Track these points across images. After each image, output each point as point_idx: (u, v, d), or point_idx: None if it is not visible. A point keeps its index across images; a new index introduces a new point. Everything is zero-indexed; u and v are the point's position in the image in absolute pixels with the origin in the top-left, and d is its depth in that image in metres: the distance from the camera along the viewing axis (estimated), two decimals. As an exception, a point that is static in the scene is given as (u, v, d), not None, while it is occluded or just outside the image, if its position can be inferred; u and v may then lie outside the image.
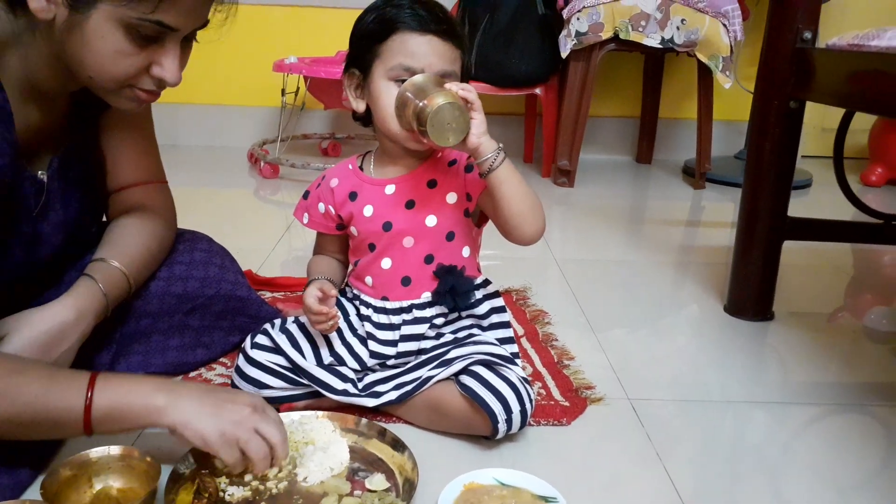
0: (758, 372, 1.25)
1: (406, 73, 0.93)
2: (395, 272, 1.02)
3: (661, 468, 0.95)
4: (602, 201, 2.42)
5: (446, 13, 0.96)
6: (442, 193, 1.01)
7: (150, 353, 1.05)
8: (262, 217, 2.15)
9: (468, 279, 1.02)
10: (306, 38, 2.81)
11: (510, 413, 0.93)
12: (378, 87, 0.96)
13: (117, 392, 0.78)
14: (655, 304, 1.56)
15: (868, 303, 1.67)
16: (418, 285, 1.02)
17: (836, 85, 1.25)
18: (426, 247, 1.01)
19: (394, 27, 0.93)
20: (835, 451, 1.01)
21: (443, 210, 1.01)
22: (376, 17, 0.96)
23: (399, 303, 1.02)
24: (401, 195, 1.01)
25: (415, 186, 1.01)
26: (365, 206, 1.02)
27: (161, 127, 1.25)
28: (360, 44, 0.98)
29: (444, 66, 0.94)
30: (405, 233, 1.01)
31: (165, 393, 0.79)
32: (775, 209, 1.39)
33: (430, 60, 0.93)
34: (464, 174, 1.01)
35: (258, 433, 0.80)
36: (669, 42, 2.34)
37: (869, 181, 2.72)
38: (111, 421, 0.78)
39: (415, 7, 0.94)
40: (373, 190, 1.02)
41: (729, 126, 2.92)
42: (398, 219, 1.00)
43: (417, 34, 0.93)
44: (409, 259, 1.01)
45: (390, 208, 1.01)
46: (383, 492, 0.85)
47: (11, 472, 0.82)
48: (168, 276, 1.06)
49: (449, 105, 0.87)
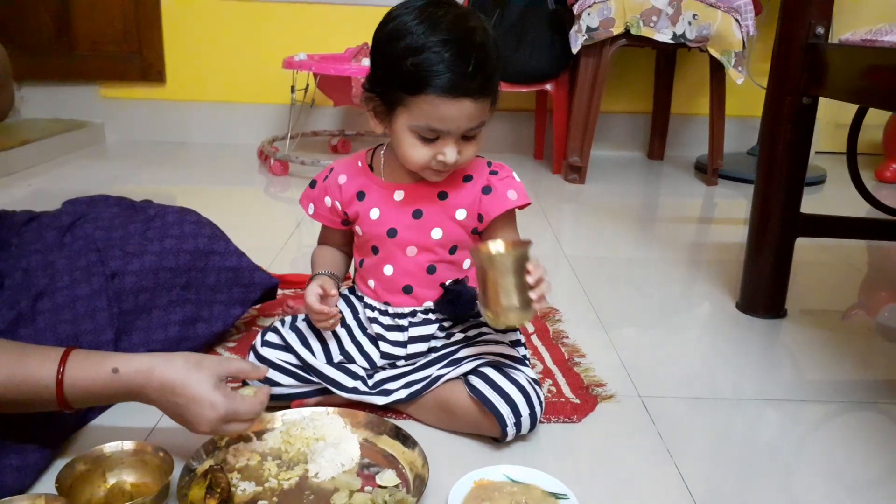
0: (770, 370, 1.24)
1: (432, 133, 0.90)
2: (396, 280, 1.01)
3: (673, 466, 0.95)
4: (613, 198, 2.41)
5: (483, 55, 0.87)
6: (452, 207, 0.99)
7: (152, 329, 1.06)
8: (273, 214, 2.16)
9: (471, 290, 1.00)
10: (316, 34, 2.81)
11: (519, 417, 0.93)
12: (401, 132, 0.92)
13: (87, 365, 0.80)
14: (667, 301, 1.55)
15: (882, 300, 1.66)
16: (420, 294, 1.02)
17: (849, 81, 1.24)
18: (429, 258, 1.00)
19: (426, 85, 0.86)
20: (848, 449, 1.00)
21: (450, 224, 1.00)
22: (411, 62, 0.86)
23: (401, 308, 1.02)
24: (409, 203, 1.00)
25: (424, 196, 0.99)
26: (372, 209, 1.01)
27: (172, 125, 1.26)
28: (385, 74, 0.90)
29: (473, 124, 0.90)
30: (409, 242, 1.00)
31: (139, 360, 0.81)
32: (788, 206, 1.38)
33: (459, 124, 0.89)
34: (480, 194, 0.99)
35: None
36: (681, 37, 2.33)
37: (883, 177, 2.69)
38: (85, 396, 0.80)
39: (452, 60, 0.85)
40: (381, 192, 1.01)
41: (741, 122, 2.90)
42: (403, 227, 1.00)
43: (450, 99, 0.86)
44: (411, 268, 1.01)
45: (397, 215, 1.00)
46: (394, 488, 0.85)
47: (21, 454, 0.83)
48: (160, 250, 1.07)
49: (521, 315, 0.89)
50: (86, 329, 0.98)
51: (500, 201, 0.99)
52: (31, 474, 0.83)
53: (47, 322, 0.96)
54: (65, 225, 1.07)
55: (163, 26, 2.81)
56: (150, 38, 2.81)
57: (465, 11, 0.91)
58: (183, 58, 2.85)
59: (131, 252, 1.05)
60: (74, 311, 0.98)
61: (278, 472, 0.88)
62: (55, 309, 0.98)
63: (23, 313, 0.95)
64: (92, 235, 1.06)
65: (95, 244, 1.05)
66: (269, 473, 0.88)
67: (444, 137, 0.90)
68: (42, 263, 1.01)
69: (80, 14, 2.76)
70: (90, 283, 1.01)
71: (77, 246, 1.04)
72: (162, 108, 2.90)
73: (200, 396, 0.80)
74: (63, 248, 1.04)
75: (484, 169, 1.01)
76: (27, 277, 0.99)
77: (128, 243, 1.06)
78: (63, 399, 0.79)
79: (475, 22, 0.90)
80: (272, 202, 2.29)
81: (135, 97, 2.90)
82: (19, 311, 0.95)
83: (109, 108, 2.91)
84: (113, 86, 2.89)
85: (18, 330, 0.94)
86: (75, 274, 1.01)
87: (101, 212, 1.13)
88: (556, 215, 2.15)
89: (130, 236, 1.07)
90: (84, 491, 0.81)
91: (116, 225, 1.09)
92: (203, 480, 0.82)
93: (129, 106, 2.91)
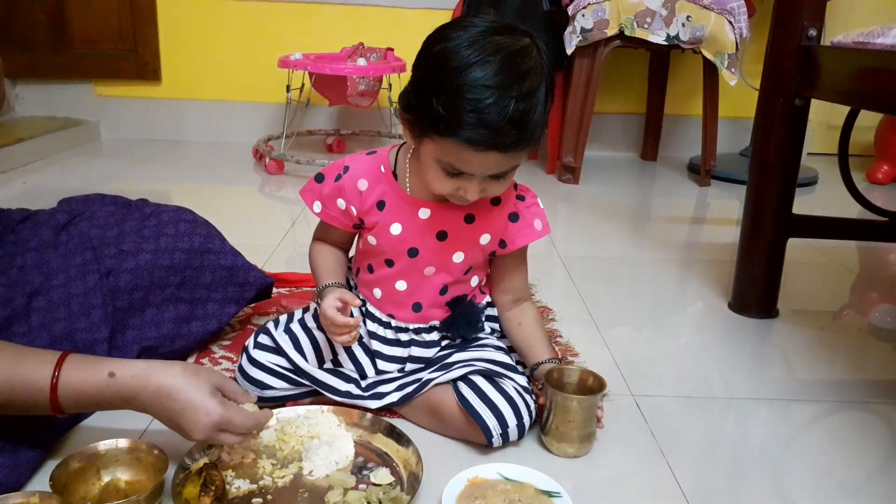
0: (762, 369, 1.25)
1: (456, 170, 0.85)
2: (408, 296, 1.00)
3: (665, 464, 0.95)
4: (607, 198, 2.41)
5: (525, 107, 0.79)
6: (477, 232, 0.97)
7: (146, 326, 1.06)
8: (268, 213, 2.16)
9: (477, 311, 1.02)
10: (311, 34, 2.81)
11: (506, 427, 0.93)
12: (426, 158, 0.87)
13: (82, 369, 0.80)
14: (660, 301, 1.56)
15: (873, 301, 1.67)
16: (428, 313, 1.01)
17: (841, 82, 1.25)
18: (445, 279, 0.99)
19: (452, 132, 0.80)
20: (838, 448, 1.01)
21: (473, 248, 0.98)
22: (443, 102, 0.79)
23: (405, 324, 1.02)
24: (434, 223, 0.95)
25: (451, 218, 0.95)
26: (393, 223, 0.96)
27: (167, 123, 1.26)
28: (419, 102, 0.84)
29: (500, 171, 0.85)
30: (429, 263, 0.97)
31: (136, 366, 0.82)
32: (780, 206, 1.39)
33: (483, 170, 0.84)
34: (507, 220, 0.98)
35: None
36: (675, 39, 2.34)
37: (875, 179, 2.71)
38: (78, 400, 0.80)
39: (485, 111, 0.78)
40: (405, 208, 0.95)
41: (734, 123, 2.92)
42: (426, 248, 0.96)
43: (476, 151, 0.80)
44: (426, 287, 0.99)
45: (420, 235, 0.95)
46: (388, 486, 0.86)
47: (14, 453, 0.83)
48: (155, 248, 1.07)
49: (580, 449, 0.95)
50: (80, 327, 0.98)
51: (526, 231, 0.99)
52: (23, 472, 0.83)
53: (42, 320, 0.96)
54: (60, 223, 1.08)
55: (158, 24, 2.80)
56: (145, 36, 2.80)
57: (524, 47, 0.81)
58: (178, 56, 2.85)
59: (126, 250, 1.05)
60: (69, 310, 0.98)
61: (273, 469, 0.88)
62: (50, 307, 0.98)
63: (17, 311, 0.95)
64: (87, 234, 1.06)
65: (90, 242, 1.05)
66: (263, 471, 0.88)
67: (469, 177, 0.86)
68: (37, 261, 1.01)
69: (75, 12, 2.75)
70: (85, 281, 1.01)
71: (72, 244, 1.04)
72: (157, 106, 2.90)
73: (195, 402, 0.80)
74: (58, 246, 1.04)
75: (511, 193, 0.99)
76: (22, 275, 0.99)
77: (123, 242, 1.06)
78: (56, 403, 0.79)
79: (530, 61, 0.81)
80: (267, 201, 2.29)
81: (130, 95, 2.89)
82: (14, 309, 0.95)
83: (104, 106, 2.90)
84: (108, 84, 2.88)
85: (13, 328, 0.94)
86: (70, 272, 1.01)
87: (96, 210, 1.13)
88: (550, 215, 2.12)
89: (126, 235, 1.07)
90: (78, 489, 0.82)
91: (112, 223, 1.09)
92: (197, 478, 0.83)
93: (125, 104, 2.90)
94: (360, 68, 2.34)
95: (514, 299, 1.05)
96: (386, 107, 2.63)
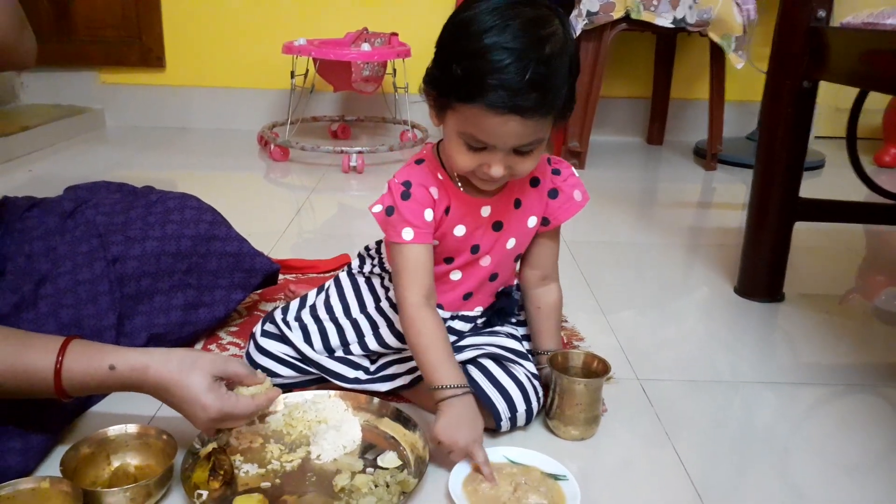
0: (768, 353, 1.25)
1: (478, 143, 0.83)
2: (461, 286, 0.99)
3: (671, 448, 0.96)
4: (613, 183, 2.41)
5: (546, 70, 0.78)
6: (525, 215, 0.97)
7: (154, 313, 1.07)
8: (273, 200, 2.16)
9: (514, 302, 1.02)
10: (315, 19, 2.80)
11: (515, 412, 0.93)
12: (450, 133, 0.86)
13: (85, 358, 0.80)
14: (666, 285, 1.56)
15: (880, 284, 1.67)
16: (476, 300, 1.01)
17: (850, 64, 1.24)
18: (496, 266, 0.99)
19: (472, 95, 0.79)
20: (844, 431, 1.01)
21: (522, 232, 0.98)
22: (463, 67, 0.79)
23: (451, 312, 1.00)
24: (492, 217, 0.95)
25: (504, 207, 0.95)
26: (457, 226, 0.93)
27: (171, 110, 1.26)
28: (441, 72, 0.83)
29: (522, 142, 0.83)
30: (486, 253, 0.97)
31: (135, 358, 0.82)
32: (787, 190, 1.38)
33: (506, 140, 0.82)
34: (547, 198, 0.97)
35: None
36: (681, 21, 2.32)
37: (882, 162, 2.69)
38: (82, 387, 0.81)
39: (506, 72, 0.77)
40: (467, 209, 0.93)
41: (741, 107, 2.89)
42: (486, 241, 0.96)
43: (495, 115, 0.79)
44: (479, 275, 0.98)
45: (482, 230, 0.95)
46: (395, 469, 0.86)
47: (24, 437, 0.84)
48: (161, 235, 1.07)
49: (585, 432, 0.96)
50: (88, 314, 0.98)
51: (567, 205, 0.98)
52: (34, 457, 0.84)
53: (49, 307, 0.97)
54: (66, 211, 1.08)
55: (162, 11, 2.79)
56: (149, 23, 2.79)
57: (544, 15, 0.81)
58: (182, 43, 2.84)
59: (133, 237, 1.05)
60: (77, 296, 0.99)
61: (281, 454, 0.89)
62: (57, 294, 0.98)
63: (25, 298, 0.96)
64: (93, 221, 1.07)
65: (97, 229, 1.05)
66: (271, 456, 0.89)
67: (492, 150, 0.83)
68: (44, 249, 1.02)
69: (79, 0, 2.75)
70: (92, 268, 1.01)
71: (79, 231, 1.05)
72: (162, 93, 2.89)
73: (192, 399, 0.81)
74: (65, 233, 1.04)
75: (546, 168, 0.97)
76: (30, 262, 1.00)
77: (129, 228, 1.06)
78: (61, 388, 0.80)
79: (552, 28, 0.80)
80: (273, 188, 2.29)
81: (134, 83, 2.89)
82: (22, 296, 0.96)
83: (109, 94, 2.90)
84: (112, 71, 2.88)
85: (21, 314, 0.95)
86: (77, 259, 1.01)
87: (102, 198, 1.14)
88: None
89: (132, 222, 1.07)
90: (88, 473, 0.83)
91: (118, 210, 1.09)
92: (206, 463, 0.83)
93: (129, 91, 2.90)
94: (365, 53, 2.33)
95: (542, 276, 1.03)
96: (390, 92, 2.62)
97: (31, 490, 0.76)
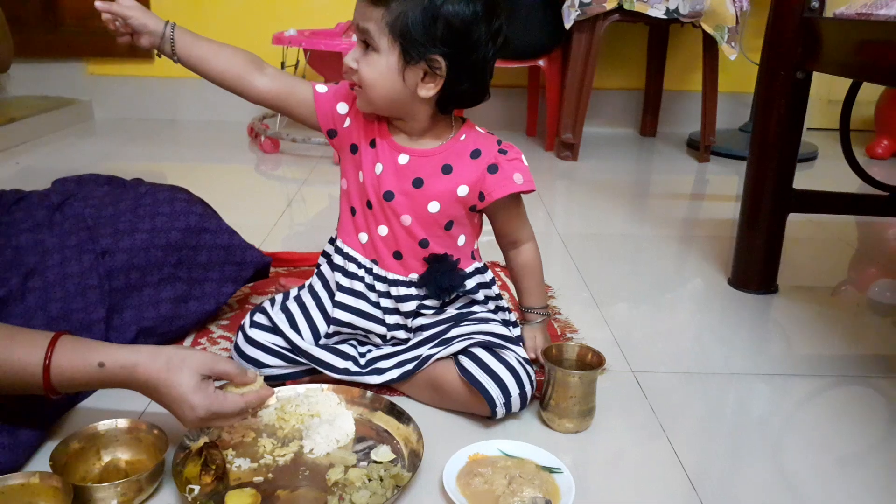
0: (761, 344, 1.25)
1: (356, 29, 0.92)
2: (388, 243, 1.00)
3: (665, 440, 0.95)
4: (606, 175, 2.40)
5: None
6: (454, 183, 0.97)
7: (143, 306, 1.06)
8: (264, 192, 2.14)
9: (457, 274, 1.00)
10: (306, 10, 2.77)
11: (509, 397, 0.93)
12: None
13: (74, 355, 0.79)
14: (659, 277, 1.56)
15: (872, 276, 1.67)
16: (409, 264, 1.01)
17: (844, 55, 1.24)
18: (423, 231, 0.99)
19: None
20: (837, 422, 1.02)
21: (449, 199, 0.98)
22: None
23: (387, 273, 1.01)
24: (411, 170, 0.97)
25: (428, 165, 0.97)
26: (377, 163, 0.98)
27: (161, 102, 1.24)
28: None
29: (360, 22, 0.91)
30: (405, 211, 0.98)
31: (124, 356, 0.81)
32: (780, 182, 1.38)
33: (356, 17, 0.92)
34: (486, 172, 0.97)
35: None
36: (674, 13, 2.31)
37: (875, 154, 2.70)
38: (71, 384, 0.80)
39: None
40: (389, 151, 0.98)
41: (734, 98, 2.89)
42: (401, 193, 0.97)
43: None
44: (404, 237, 0.99)
45: (397, 179, 0.97)
46: (389, 463, 0.86)
47: (12, 432, 0.83)
48: (151, 228, 1.06)
49: (579, 424, 0.95)
50: (77, 307, 0.97)
51: (504, 182, 0.97)
52: (22, 453, 0.83)
53: (38, 300, 0.96)
54: (55, 203, 1.07)
55: (150, 2, 2.76)
56: (137, 13, 2.76)
57: None
58: (171, 34, 2.81)
59: (122, 230, 1.04)
60: (65, 289, 0.98)
61: (273, 448, 0.88)
62: (46, 287, 0.97)
63: (13, 291, 0.95)
64: (82, 214, 1.05)
65: (86, 222, 1.04)
66: (264, 450, 0.88)
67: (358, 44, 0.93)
68: (32, 242, 1.00)
69: (66, -11, 2.71)
70: (81, 261, 1.00)
71: (67, 224, 1.03)
72: (150, 84, 2.86)
73: (180, 398, 0.80)
74: (53, 226, 1.03)
75: (493, 146, 0.99)
76: (17, 256, 0.98)
77: (118, 221, 1.05)
78: (50, 385, 0.79)
79: None
80: (263, 180, 2.27)
81: (123, 74, 2.86)
82: (9, 290, 0.94)
83: (97, 85, 2.87)
84: (100, 62, 2.85)
85: (9, 308, 0.94)
86: (66, 252, 1.00)
87: (91, 190, 1.12)
88: (549, 192, 2.14)
89: (121, 214, 1.06)
90: (79, 469, 0.82)
91: (107, 203, 1.08)
92: (198, 457, 0.83)
93: (117, 83, 2.87)
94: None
95: (511, 241, 1.07)
96: (382, 84, 2.60)
97: (21, 486, 0.75)
